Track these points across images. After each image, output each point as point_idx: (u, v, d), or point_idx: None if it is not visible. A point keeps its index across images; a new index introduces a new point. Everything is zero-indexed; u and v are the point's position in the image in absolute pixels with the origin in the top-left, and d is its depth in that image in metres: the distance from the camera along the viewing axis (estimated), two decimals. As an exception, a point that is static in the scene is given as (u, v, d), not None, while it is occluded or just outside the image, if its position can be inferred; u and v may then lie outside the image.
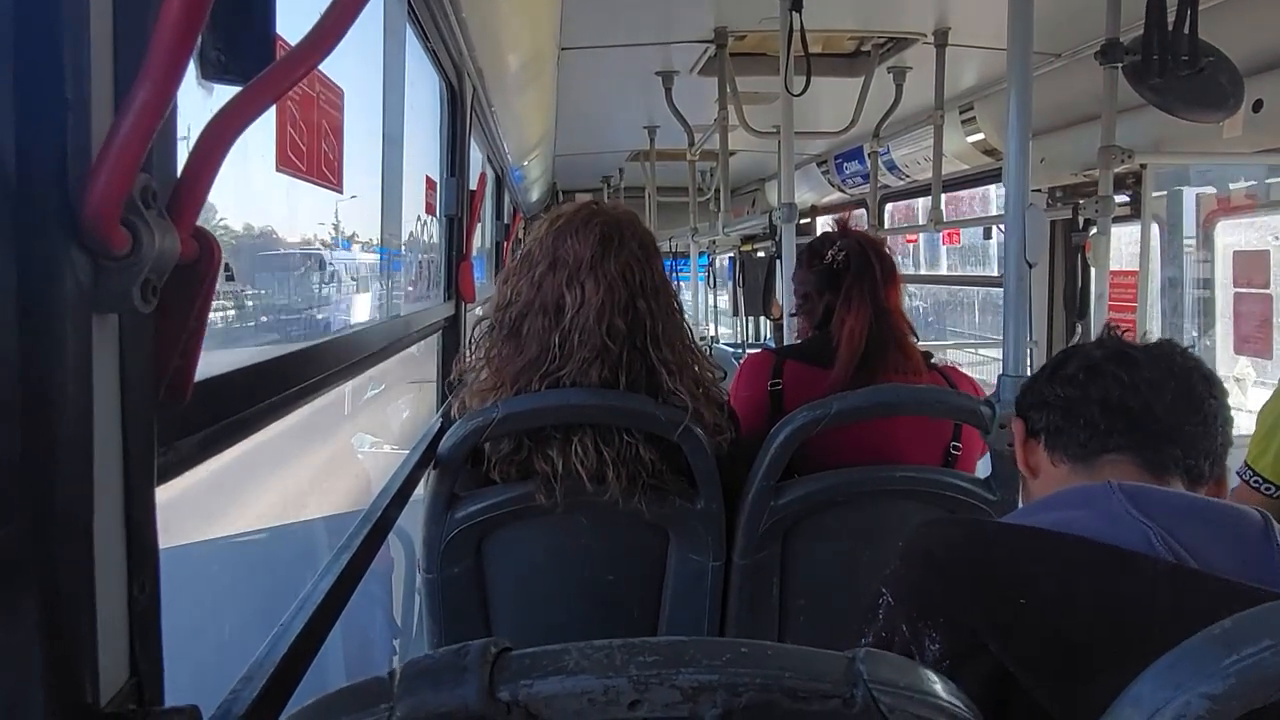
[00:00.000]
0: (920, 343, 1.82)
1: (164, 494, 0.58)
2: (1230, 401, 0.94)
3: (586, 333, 1.43)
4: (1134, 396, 0.89)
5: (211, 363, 0.65)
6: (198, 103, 0.60)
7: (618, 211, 1.56)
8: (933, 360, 1.79)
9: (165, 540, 0.58)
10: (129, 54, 0.48)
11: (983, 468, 1.72)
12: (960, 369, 1.98)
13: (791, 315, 1.94)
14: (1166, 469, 0.88)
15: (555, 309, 1.45)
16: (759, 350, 1.91)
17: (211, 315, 0.58)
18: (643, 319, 1.45)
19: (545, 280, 1.47)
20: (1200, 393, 0.89)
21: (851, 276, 1.73)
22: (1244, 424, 1.98)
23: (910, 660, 0.59)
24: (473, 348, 1.56)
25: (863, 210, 5.04)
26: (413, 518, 1.58)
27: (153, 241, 0.48)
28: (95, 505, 0.49)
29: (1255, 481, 1.90)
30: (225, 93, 0.56)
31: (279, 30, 0.63)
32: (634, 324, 1.45)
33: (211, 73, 0.59)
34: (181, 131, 0.59)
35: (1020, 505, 1.01)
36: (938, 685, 0.50)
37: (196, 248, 0.54)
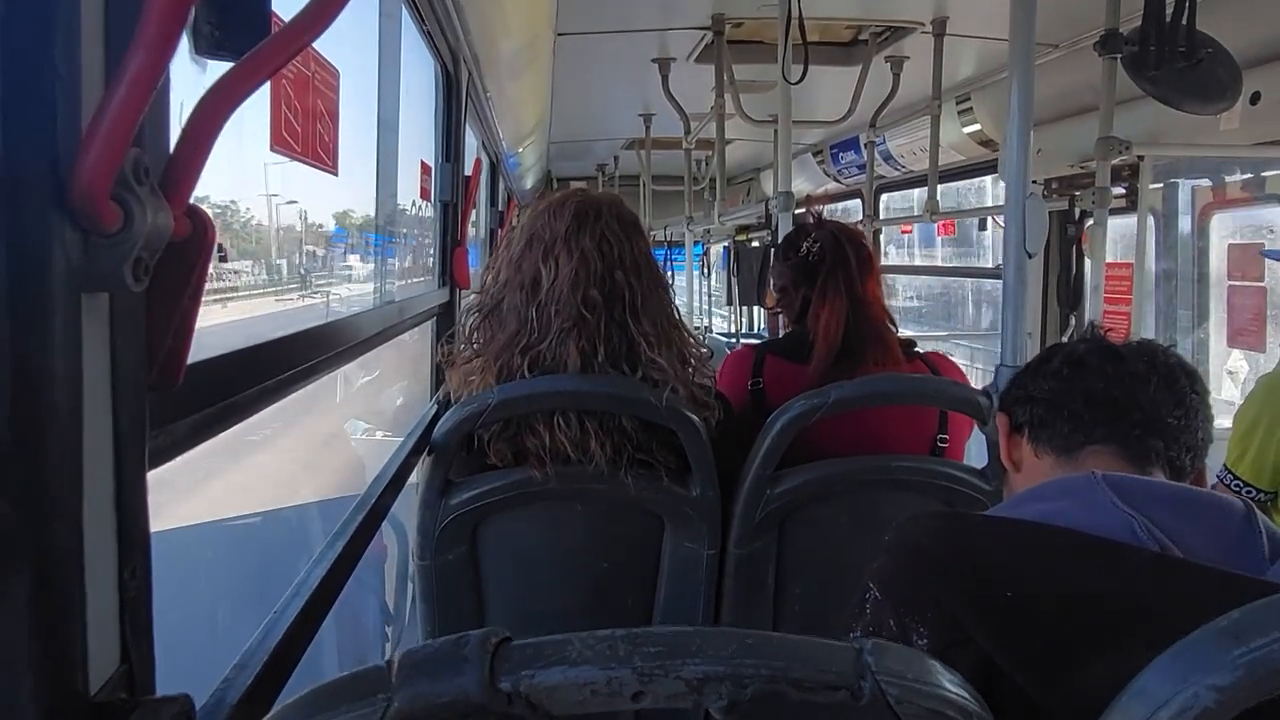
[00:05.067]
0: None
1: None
2: (1223, 395, 0.95)
3: (562, 304, 1.43)
4: (1118, 388, 0.90)
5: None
6: (191, 79, 0.59)
7: (599, 194, 1.57)
8: (915, 349, 1.77)
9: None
10: (121, 24, 0.47)
11: (979, 458, 1.72)
12: (947, 356, 1.96)
13: (778, 312, 1.92)
14: (1149, 460, 0.88)
15: (532, 284, 1.46)
16: (741, 347, 1.89)
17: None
18: (620, 291, 1.45)
19: (523, 258, 1.49)
20: (1182, 386, 0.90)
21: (827, 269, 1.71)
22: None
23: (918, 652, 0.58)
24: (463, 333, 1.56)
25: (858, 200, 5.04)
26: (405, 504, 1.57)
27: (145, 218, 0.47)
28: (85, 490, 0.47)
29: (1235, 485, 1.91)
30: (219, 70, 0.55)
31: (274, 7, 0.61)
32: (611, 295, 1.45)
33: (205, 47, 0.57)
34: (174, 109, 0.57)
35: (1004, 498, 1.02)
36: (944, 677, 0.50)
37: (190, 226, 0.53)
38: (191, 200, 0.53)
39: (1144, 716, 0.51)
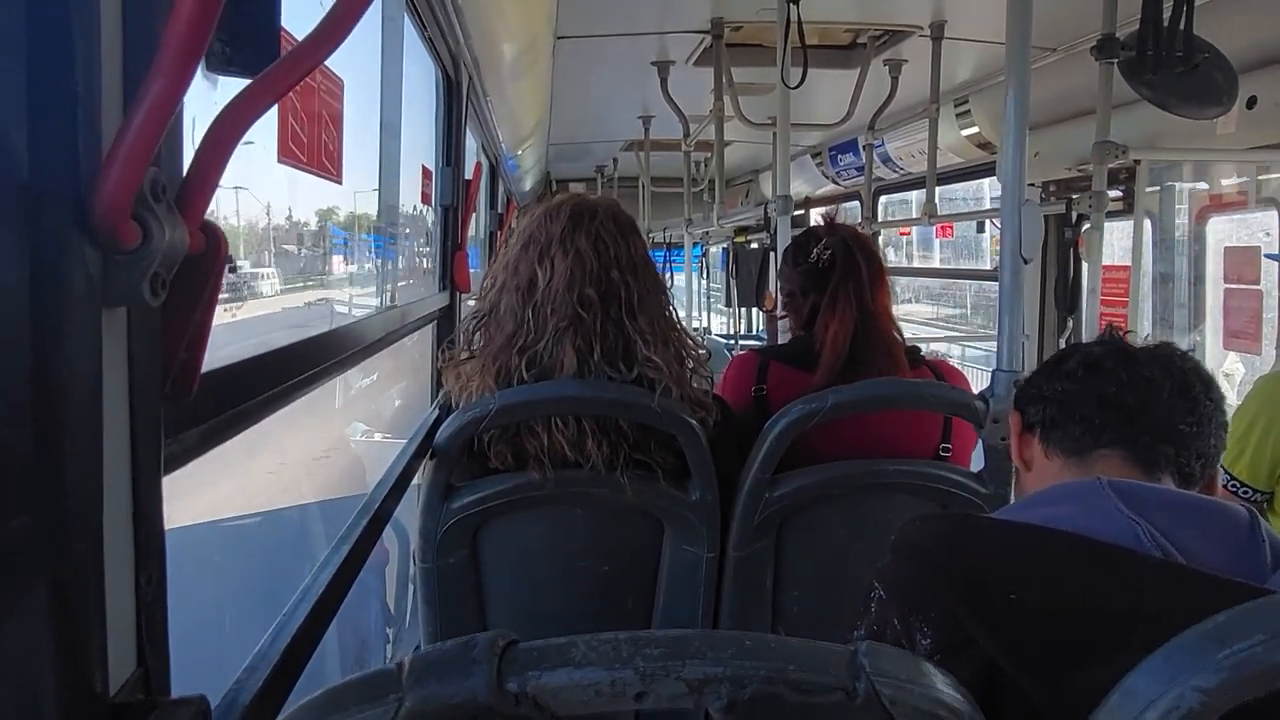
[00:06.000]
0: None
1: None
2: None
3: (558, 303, 1.45)
4: (1131, 393, 0.90)
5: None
6: (202, 95, 0.60)
7: (595, 197, 1.58)
8: (921, 355, 1.77)
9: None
10: (139, 48, 0.48)
11: (975, 461, 1.73)
12: (947, 361, 1.97)
13: (781, 317, 1.92)
14: (1158, 466, 0.88)
15: (528, 285, 1.47)
16: (744, 352, 1.88)
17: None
18: (617, 289, 1.46)
19: (519, 261, 1.50)
20: (1197, 393, 0.90)
21: (838, 276, 1.69)
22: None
23: (911, 654, 0.59)
24: (464, 337, 1.57)
25: (855, 202, 5.05)
26: (406, 508, 1.58)
27: (162, 235, 0.48)
28: (104, 496, 0.49)
29: (1233, 485, 1.92)
30: (228, 85, 0.57)
31: (284, 24, 0.63)
32: (607, 294, 1.46)
33: (217, 64, 0.58)
34: (187, 124, 0.59)
35: (1013, 498, 1.02)
36: (938, 678, 0.51)
37: (204, 241, 0.54)
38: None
39: (1131, 717, 0.53)
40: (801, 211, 6.13)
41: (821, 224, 1.82)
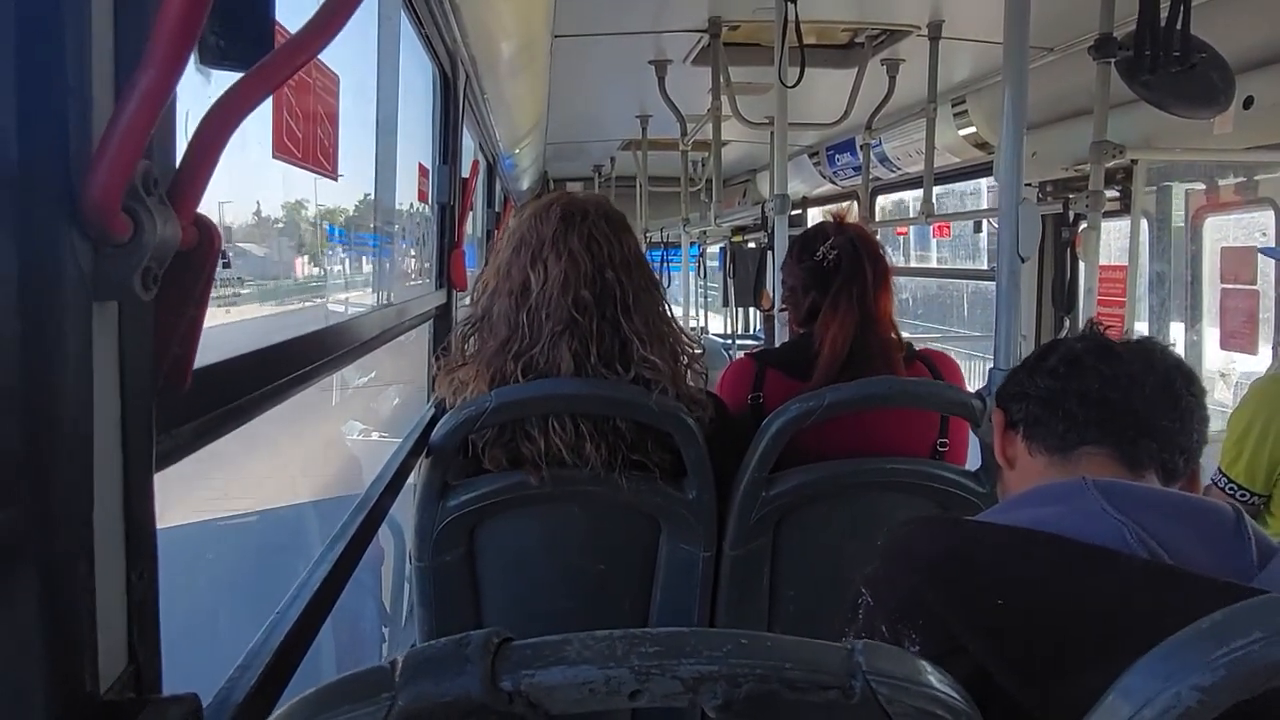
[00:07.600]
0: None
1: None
2: (1217, 397, 0.95)
3: (553, 307, 1.43)
4: (1113, 389, 0.89)
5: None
6: (195, 89, 0.60)
7: (585, 195, 1.57)
8: (914, 350, 1.75)
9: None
10: (130, 40, 0.48)
11: (972, 460, 1.73)
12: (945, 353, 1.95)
13: (782, 310, 1.90)
14: (1142, 463, 0.88)
15: (521, 290, 1.46)
16: (741, 357, 1.86)
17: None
18: (611, 289, 1.45)
19: (511, 264, 1.49)
20: (1179, 389, 0.89)
21: (842, 278, 1.66)
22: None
23: (908, 652, 0.59)
24: (456, 343, 1.56)
25: (853, 202, 5.05)
26: (401, 506, 1.58)
27: (154, 229, 0.48)
28: (95, 492, 0.48)
29: (1230, 488, 1.92)
30: (222, 79, 0.56)
31: (278, 17, 0.63)
32: (602, 295, 1.45)
33: (210, 58, 0.58)
34: (180, 118, 0.58)
35: (997, 495, 1.02)
36: (934, 677, 0.51)
37: (196, 235, 0.54)
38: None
39: (1128, 715, 0.52)
40: (799, 211, 6.14)
41: (831, 221, 1.78)
